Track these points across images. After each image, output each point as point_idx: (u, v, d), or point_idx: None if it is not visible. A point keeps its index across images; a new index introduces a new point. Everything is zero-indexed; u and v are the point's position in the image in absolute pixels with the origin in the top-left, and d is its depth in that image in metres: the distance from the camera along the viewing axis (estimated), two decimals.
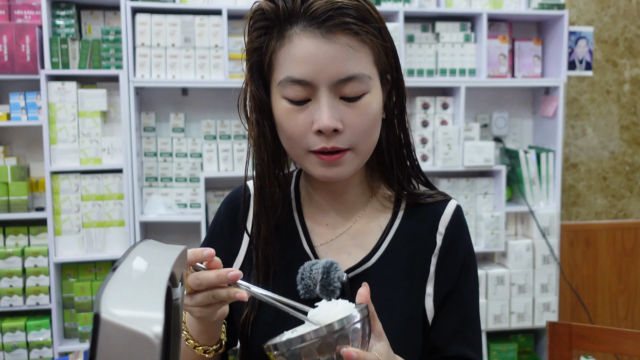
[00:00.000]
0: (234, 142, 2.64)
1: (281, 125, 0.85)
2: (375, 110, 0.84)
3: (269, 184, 0.89)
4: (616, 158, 3.08)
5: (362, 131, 0.83)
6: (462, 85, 2.67)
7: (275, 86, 0.84)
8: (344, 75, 0.80)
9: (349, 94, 0.81)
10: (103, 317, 0.45)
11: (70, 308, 2.56)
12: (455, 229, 0.94)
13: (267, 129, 0.87)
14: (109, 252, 2.53)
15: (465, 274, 0.94)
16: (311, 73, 0.79)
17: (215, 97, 2.74)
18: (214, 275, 0.74)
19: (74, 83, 2.46)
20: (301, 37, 0.80)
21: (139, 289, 0.51)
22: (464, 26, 2.74)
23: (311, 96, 0.82)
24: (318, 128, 0.81)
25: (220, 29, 2.53)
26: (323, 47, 0.79)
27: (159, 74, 2.52)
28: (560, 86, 2.74)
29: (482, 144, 2.73)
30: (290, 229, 0.95)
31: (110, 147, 2.51)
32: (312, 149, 0.83)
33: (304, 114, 0.82)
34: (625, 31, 3.01)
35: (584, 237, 3.02)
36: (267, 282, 0.91)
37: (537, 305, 2.81)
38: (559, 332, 1.50)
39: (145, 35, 2.50)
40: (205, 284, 0.74)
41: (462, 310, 0.93)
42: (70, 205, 2.48)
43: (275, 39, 0.82)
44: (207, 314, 0.77)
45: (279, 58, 0.82)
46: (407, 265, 0.92)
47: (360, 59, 0.81)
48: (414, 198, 0.95)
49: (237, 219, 0.97)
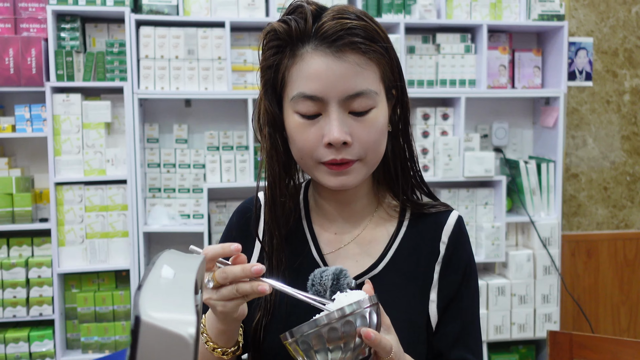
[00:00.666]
0: (237, 153, 2.66)
1: (293, 139, 0.89)
2: (381, 123, 0.89)
3: (280, 194, 0.94)
4: (617, 168, 3.09)
5: (370, 144, 0.87)
6: (462, 96, 2.69)
7: (287, 101, 0.89)
8: (353, 92, 0.85)
9: (357, 108, 0.86)
10: (143, 319, 0.49)
11: (73, 319, 2.57)
12: (458, 238, 0.98)
13: (279, 141, 0.91)
14: (113, 262, 2.54)
15: (467, 282, 0.98)
16: (322, 89, 0.84)
17: (219, 109, 2.76)
18: (239, 269, 0.77)
19: (78, 95, 2.49)
20: (313, 55, 0.85)
21: (170, 294, 0.56)
22: (464, 37, 2.77)
23: (322, 111, 0.86)
24: (328, 141, 0.85)
25: (223, 41, 2.56)
26: (333, 65, 0.84)
27: (163, 85, 2.55)
28: (560, 96, 2.76)
29: (483, 154, 2.74)
30: (299, 237, 0.98)
31: (114, 158, 2.53)
32: (322, 161, 0.87)
33: (315, 128, 0.87)
34: (625, 42, 3.03)
35: (585, 248, 3.02)
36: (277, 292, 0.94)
37: (538, 315, 2.81)
38: (560, 341, 1.51)
39: (149, 47, 2.53)
40: (231, 278, 0.77)
41: (464, 317, 0.97)
42: (74, 216, 2.50)
43: (288, 57, 0.88)
44: (230, 308, 0.80)
45: (292, 75, 0.87)
46: (411, 273, 0.96)
47: (367, 76, 0.86)
48: (418, 208, 0.99)
49: (249, 228, 1.00)
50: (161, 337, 0.49)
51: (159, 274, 0.60)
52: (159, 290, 0.56)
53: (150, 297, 0.53)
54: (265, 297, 0.94)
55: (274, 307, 0.94)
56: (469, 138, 2.78)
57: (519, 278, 2.79)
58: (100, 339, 2.54)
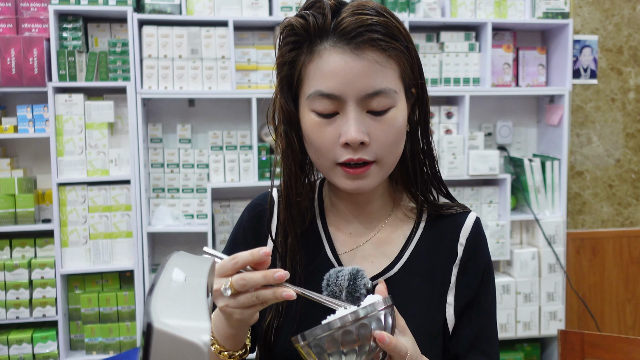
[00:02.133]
0: (240, 152, 2.64)
1: (309, 138, 0.87)
2: (400, 123, 0.86)
3: (296, 193, 0.92)
4: (622, 166, 3.08)
5: (388, 144, 0.85)
6: (466, 94, 2.68)
7: (304, 99, 0.86)
8: (371, 90, 0.82)
9: (376, 108, 0.84)
10: (155, 326, 0.47)
11: (76, 320, 2.56)
12: (476, 240, 0.96)
13: (295, 140, 0.89)
14: (116, 263, 2.53)
15: (485, 285, 0.96)
16: (340, 87, 0.82)
17: (222, 108, 2.75)
18: (260, 276, 0.73)
19: (81, 95, 2.47)
20: (331, 52, 0.83)
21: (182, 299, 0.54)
22: (468, 35, 2.75)
23: (339, 110, 0.84)
24: (345, 141, 0.83)
25: (226, 40, 2.54)
26: (352, 63, 0.82)
27: (166, 85, 2.53)
28: (565, 94, 2.75)
29: (487, 152, 2.73)
30: (314, 237, 0.96)
31: (118, 158, 2.51)
32: (339, 161, 0.85)
33: (332, 127, 0.84)
34: (630, 39, 3.02)
35: (590, 246, 3.01)
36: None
37: (543, 314, 2.80)
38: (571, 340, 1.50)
39: (152, 47, 2.51)
40: (251, 285, 0.74)
41: (481, 321, 0.95)
42: (77, 216, 2.48)
43: (305, 54, 0.85)
44: (248, 315, 0.77)
45: (309, 72, 0.85)
46: (428, 275, 0.94)
47: (387, 74, 0.83)
48: (435, 209, 0.97)
49: (261, 226, 0.98)
50: (174, 345, 0.47)
51: (170, 278, 0.58)
52: (170, 295, 0.54)
53: (162, 302, 0.51)
54: None
55: (286, 308, 0.92)
56: (473, 136, 2.77)
57: (523, 276, 2.78)
58: (104, 340, 2.52)
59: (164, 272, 0.60)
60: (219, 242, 2.65)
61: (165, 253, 2.77)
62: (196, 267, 0.65)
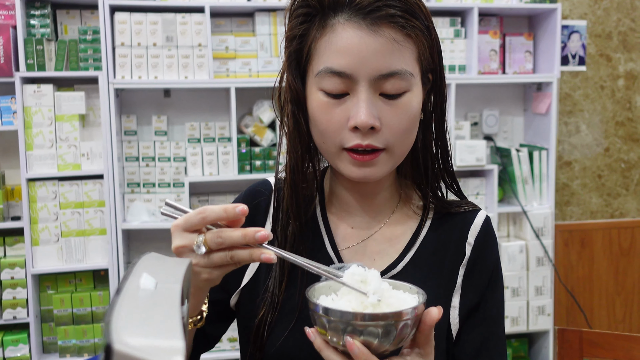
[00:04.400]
0: (219, 144, 2.55)
1: (315, 119, 0.81)
2: (415, 110, 0.80)
3: (302, 179, 0.85)
4: (611, 155, 3.02)
5: (400, 131, 0.79)
6: (452, 82, 2.60)
7: (312, 77, 0.80)
8: (386, 71, 0.76)
9: (390, 90, 0.77)
10: (116, 348, 0.38)
11: (49, 321, 2.45)
12: (485, 240, 0.90)
13: (303, 121, 0.83)
14: (90, 262, 2.42)
15: (493, 288, 0.89)
16: (352, 65, 0.76)
17: (200, 98, 2.65)
18: (239, 235, 0.67)
19: (50, 86, 2.35)
20: (345, 27, 0.76)
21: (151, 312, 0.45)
22: (454, 21, 2.67)
23: (349, 90, 0.77)
24: (354, 124, 0.76)
25: (203, 27, 2.44)
26: (367, 39, 0.75)
27: (140, 74, 2.42)
28: (553, 82, 2.68)
29: (474, 142, 2.66)
30: (313, 229, 0.90)
31: (90, 152, 2.40)
32: (346, 146, 0.79)
33: (341, 109, 0.78)
34: (619, 24, 2.95)
35: (579, 238, 2.96)
36: (291, 282, 0.86)
37: (531, 308, 2.75)
38: (569, 339, 1.43)
39: (125, 34, 2.40)
40: (228, 243, 0.67)
41: (488, 326, 0.88)
42: (48, 213, 2.37)
43: (317, 27, 0.79)
44: (217, 276, 0.70)
45: (319, 47, 0.79)
46: (433, 275, 0.88)
47: (404, 54, 0.77)
48: (444, 206, 0.91)
49: (257, 212, 0.91)
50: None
51: (137, 285, 0.50)
52: (137, 306, 0.45)
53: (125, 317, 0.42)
54: (272, 292, 0.85)
55: (282, 302, 0.85)
56: (459, 126, 2.70)
57: (511, 270, 2.72)
58: (78, 342, 2.41)
59: (131, 278, 0.51)
60: None
61: (142, 250, 2.65)
62: (170, 270, 0.56)
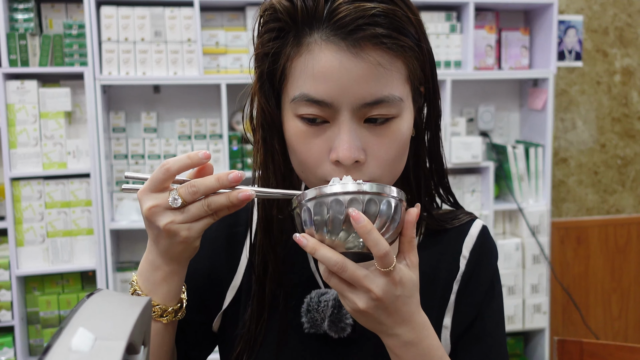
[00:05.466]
0: (210, 142, 2.49)
1: (293, 148, 0.72)
2: (404, 136, 0.71)
3: (277, 212, 0.76)
4: (607, 151, 2.98)
5: (388, 162, 0.70)
6: (447, 78, 2.55)
7: (287, 101, 0.71)
8: (371, 99, 0.67)
9: (376, 117, 0.69)
10: None
11: (35, 324, 2.39)
12: (481, 252, 0.82)
13: (277, 148, 0.74)
14: (77, 263, 2.36)
15: (489, 302, 0.82)
16: (332, 93, 0.67)
17: (190, 95, 2.58)
18: (213, 180, 0.64)
19: (34, 82, 2.28)
20: (322, 48, 0.67)
21: None
22: (449, 16, 2.62)
23: (330, 119, 0.69)
24: (336, 158, 0.68)
25: (192, 21, 2.37)
26: (347, 64, 0.66)
27: (128, 70, 2.36)
28: (549, 78, 2.63)
29: (470, 139, 2.61)
30: (299, 256, 0.82)
31: (76, 150, 2.34)
32: (327, 179, 0.70)
33: (321, 139, 0.69)
34: (616, 20, 2.91)
35: (575, 235, 2.93)
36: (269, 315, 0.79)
37: (527, 306, 2.71)
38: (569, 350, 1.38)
39: (112, 29, 2.33)
40: (202, 191, 0.64)
41: (486, 344, 0.80)
42: (33, 213, 2.31)
43: (291, 45, 0.69)
44: (196, 231, 0.66)
45: (295, 69, 0.69)
46: (425, 296, 0.80)
47: (391, 78, 0.68)
48: (437, 223, 0.83)
49: (236, 233, 0.83)
50: None
51: (68, 346, 0.41)
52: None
53: None
54: (248, 327, 0.78)
55: (261, 342, 0.78)
56: (455, 122, 2.65)
57: (507, 268, 2.68)
58: None
59: (63, 335, 0.42)
60: None
61: (132, 250, 2.61)
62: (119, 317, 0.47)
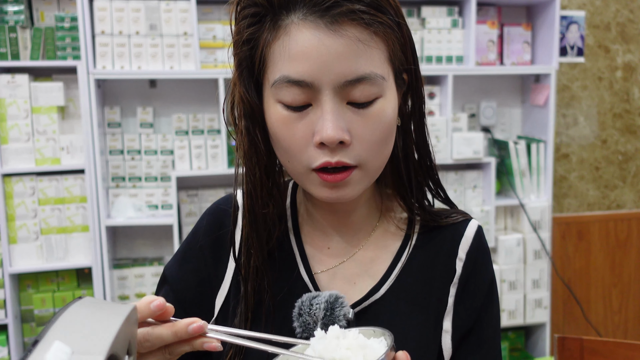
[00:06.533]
0: (208, 137, 2.44)
1: (276, 136, 0.70)
2: (389, 117, 0.70)
3: (262, 204, 0.74)
4: (609, 147, 2.96)
5: (374, 144, 0.69)
6: (449, 73, 2.51)
7: (268, 87, 0.69)
8: (353, 76, 0.65)
9: (359, 98, 0.67)
10: None
11: (30, 322, 2.35)
12: (478, 254, 0.80)
13: (260, 138, 0.72)
14: (72, 260, 2.32)
15: (488, 307, 0.80)
16: (312, 72, 0.65)
17: (187, 89, 2.54)
18: (169, 333, 0.59)
19: (25, 76, 2.23)
20: (300, 27, 0.65)
21: None
22: (451, 11, 2.57)
23: (312, 101, 0.67)
24: (320, 140, 0.66)
25: (189, 14, 2.32)
26: (327, 41, 0.64)
27: (123, 64, 2.31)
28: (551, 73, 2.60)
29: (471, 135, 2.58)
30: (285, 253, 0.80)
31: (70, 145, 2.29)
32: (313, 166, 0.68)
33: (303, 123, 0.67)
34: (618, 15, 2.87)
35: (576, 230, 2.91)
36: (258, 318, 0.76)
37: (528, 301, 2.70)
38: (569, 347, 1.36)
39: (106, 22, 2.28)
40: (157, 344, 0.60)
41: (485, 350, 0.79)
42: (26, 210, 2.26)
43: (268, 30, 0.68)
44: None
45: (273, 53, 0.67)
46: (421, 297, 0.78)
47: (371, 55, 0.66)
48: (431, 219, 0.81)
49: (222, 238, 0.81)
50: None
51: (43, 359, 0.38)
52: None
53: None
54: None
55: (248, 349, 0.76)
56: (457, 118, 2.62)
57: (508, 263, 2.67)
58: None
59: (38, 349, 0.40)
60: (186, 235, 2.45)
61: (128, 247, 2.57)
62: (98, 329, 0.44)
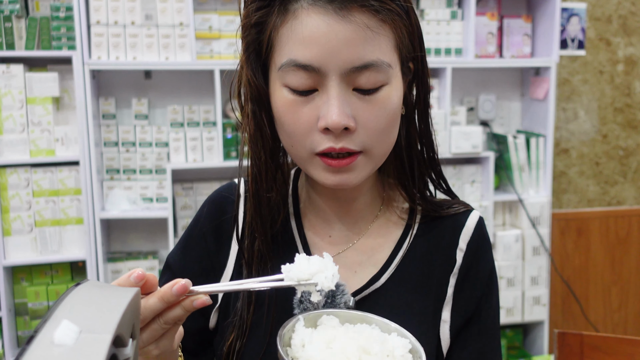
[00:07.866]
0: (203, 129, 2.42)
1: (281, 120, 0.71)
2: (394, 105, 0.71)
3: (266, 188, 0.75)
4: (609, 142, 2.93)
5: (378, 131, 0.70)
6: (448, 66, 2.49)
7: (275, 71, 0.71)
8: (360, 62, 0.66)
9: (365, 85, 0.68)
10: None
11: (24, 315, 2.33)
12: (478, 245, 0.81)
13: (266, 122, 0.73)
14: (66, 253, 2.30)
15: (487, 298, 0.81)
16: (319, 57, 0.66)
17: (182, 81, 2.51)
18: (155, 300, 0.59)
19: (20, 66, 2.21)
20: (309, 12, 0.67)
21: None
22: (450, 2, 2.55)
23: (318, 86, 0.68)
24: (325, 125, 0.67)
25: (185, 4, 2.30)
26: (335, 27, 0.65)
27: (118, 55, 2.28)
28: (552, 66, 2.57)
29: (470, 129, 2.55)
30: (287, 239, 0.80)
31: (65, 137, 2.27)
32: (317, 150, 0.70)
33: (309, 108, 0.68)
34: (619, 8, 2.84)
35: (575, 226, 2.88)
36: (260, 303, 0.77)
37: (526, 298, 2.68)
38: (569, 343, 1.35)
39: (101, 12, 2.25)
40: (149, 315, 0.60)
41: (483, 340, 0.80)
42: (20, 202, 2.24)
43: (277, 14, 0.69)
44: (165, 345, 0.63)
45: (281, 37, 0.69)
46: (421, 287, 0.79)
47: (379, 42, 0.67)
48: (432, 209, 0.81)
49: (224, 224, 0.81)
50: None
51: (51, 339, 0.38)
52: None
53: None
54: (240, 315, 0.76)
55: (251, 327, 0.76)
56: (455, 111, 2.59)
57: (507, 260, 2.64)
58: None
59: (46, 327, 0.39)
60: (181, 228, 2.44)
61: (123, 240, 2.55)
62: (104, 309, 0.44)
